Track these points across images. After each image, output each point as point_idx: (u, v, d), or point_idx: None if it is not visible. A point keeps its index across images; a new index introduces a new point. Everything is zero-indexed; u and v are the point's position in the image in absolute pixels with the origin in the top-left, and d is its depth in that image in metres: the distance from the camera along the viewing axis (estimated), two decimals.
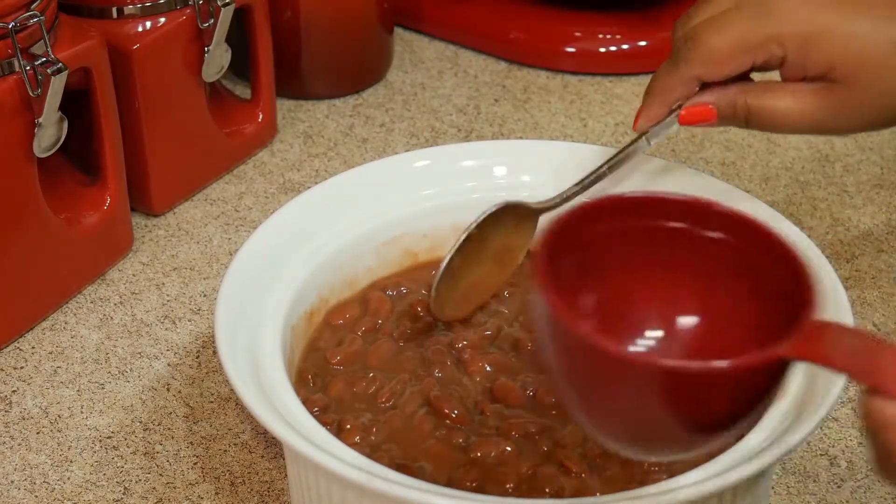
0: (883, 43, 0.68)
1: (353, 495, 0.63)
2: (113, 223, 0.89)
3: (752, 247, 0.57)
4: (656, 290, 0.60)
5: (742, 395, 0.51)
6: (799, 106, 0.70)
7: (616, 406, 0.54)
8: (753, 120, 0.71)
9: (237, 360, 0.67)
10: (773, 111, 0.71)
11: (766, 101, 0.71)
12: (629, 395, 0.52)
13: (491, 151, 0.82)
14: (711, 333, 0.59)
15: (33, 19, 0.78)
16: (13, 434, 0.78)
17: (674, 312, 0.60)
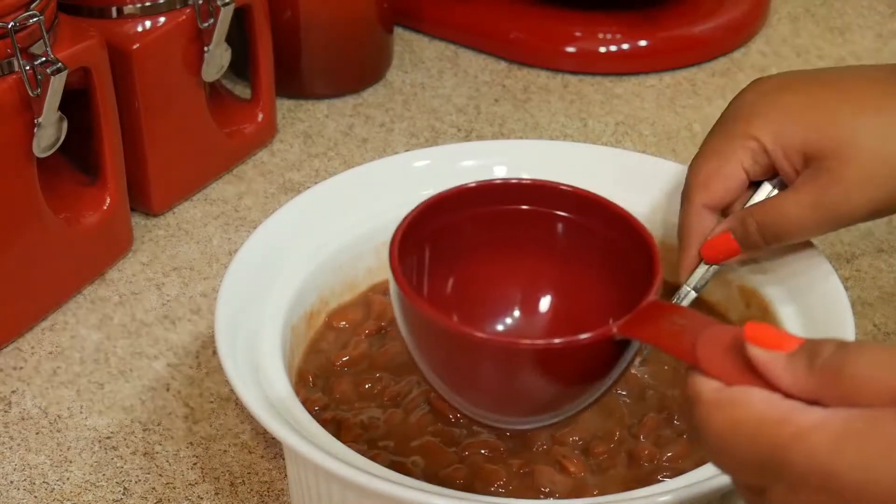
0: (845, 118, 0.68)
1: (353, 495, 0.63)
2: (112, 223, 0.89)
3: (606, 227, 0.61)
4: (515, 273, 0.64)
5: (581, 369, 0.56)
6: (797, 202, 0.68)
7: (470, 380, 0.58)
8: (769, 235, 0.70)
9: (237, 360, 0.67)
10: (780, 218, 0.69)
11: (770, 212, 0.69)
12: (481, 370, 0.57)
13: (491, 151, 0.82)
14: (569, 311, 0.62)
15: (33, 19, 0.78)
16: (12, 434, 0.78)
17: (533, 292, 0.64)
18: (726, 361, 0.49)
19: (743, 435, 0.48)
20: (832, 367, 0.47)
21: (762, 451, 0.47)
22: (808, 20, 1.16)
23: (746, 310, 0.75)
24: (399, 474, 0.62)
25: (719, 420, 0.48)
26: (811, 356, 0.48)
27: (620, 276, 0.61)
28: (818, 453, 0.46)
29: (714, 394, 0.49)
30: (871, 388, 0.46)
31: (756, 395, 0.48)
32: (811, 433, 0.46)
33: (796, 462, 0.46)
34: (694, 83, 1.08)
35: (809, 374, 0.48)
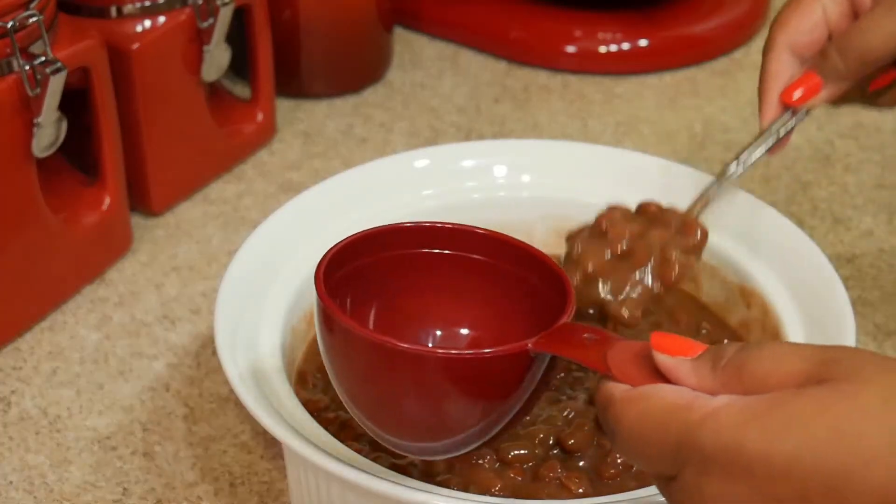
0: None
1: (353, 495, 0.63)
2: (112, 223, 0.89)
3: (522, 268, 0.64)
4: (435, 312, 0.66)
5: (498, 382, 0.57)
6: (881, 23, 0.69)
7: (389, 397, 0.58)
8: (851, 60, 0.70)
9: (237, 361, 0.67)
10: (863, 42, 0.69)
11: (852, 37, 0.69)
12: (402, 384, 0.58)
13: (491, 151, 0.82)
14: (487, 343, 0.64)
15: (32, 18, 0.78)
16: (12, 434, 0.78)
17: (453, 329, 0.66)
18: (635, 369, 0.52)
19: (653, 423, 0.50)
20: (735, 366, 0.50)
21: (671, 437, 0.49)
22: None
23: (747, 310, 0.75)
24: (399, 474, 0.62)
25: (631, 413, 0.51)
26: (715, 359, 0.50)
27: (538, 313, 0.62)
28: (724, 431, 0.48)
29: (626, 392, 0.51)
30: (773, 380, 0.49)
31: (664, 387, 0.51)
32: (717, 413, 0.48)
33: (704, 443, 0.48)
34: (694, 83, 1.08)
35: (713, 374, 0.50)
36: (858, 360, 0.48)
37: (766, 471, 0.47)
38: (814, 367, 0.48)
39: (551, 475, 0.66)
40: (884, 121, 1.03)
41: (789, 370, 0.49)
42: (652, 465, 0.51)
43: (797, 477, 0.47)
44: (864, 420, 0.46)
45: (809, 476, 0.46)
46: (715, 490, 0.48)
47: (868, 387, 0.47)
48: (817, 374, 0.48)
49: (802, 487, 0.47)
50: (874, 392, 0.47)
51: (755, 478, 0.47)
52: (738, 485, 0.48)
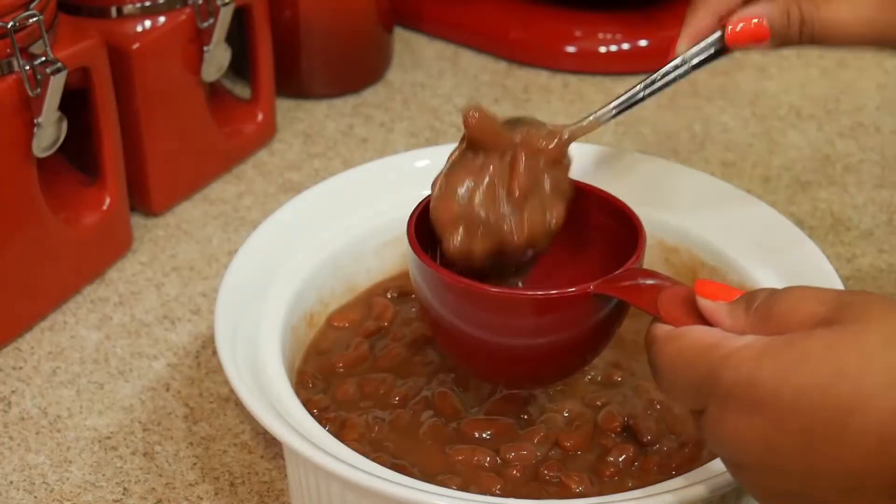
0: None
1: (353, 495, 0.63)
2: (112, 223, 0.89)
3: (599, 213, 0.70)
4: None
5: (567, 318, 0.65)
6: (855, 12, 0.66)
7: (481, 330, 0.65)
8: (807, 30, 0.67)
9: (237, 360, 0.67)
10: (830, 21, 0.66)
11: (821, 9, 0.66)
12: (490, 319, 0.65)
13: None
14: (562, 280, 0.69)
15: (32, 18, 0.78)
16: (12, 434, 0.78)
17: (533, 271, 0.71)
18: (681, 311, 0.58)
19: (684, 360, 0.55)
20: (764, 308, 0.54)
21: (699, 372, 0.54)
22: None
23: None
24: (399, 474, 0.62)
25: (668, 350, 0.56)
26: (748, 302, 0.55)
27: (611, 252, 0.68)
28: (743, 368, 0.52)
29: (666, 332, 0.57)
30: (795, 319, 0.53)
31: (697, 328, 0.56)
32: (738, 352, 0.53)
33: (725, 378, 0.52)
34: (694, 83, 1.08)
35: (746, 316, 0.55)
36: (868, 303, 0.52)
37: (777, 404, 0.51)
38: (829, 310, 0.52)
39: (551, 475, 0.66)
40: (884, 121, 1.03)
41: (809, 311, 0.53)
42: (683, 398, 0.56)
43: (804, 411, 0.50)
44: (864, 360, 0.50)
45: (814, 410, 0.50)
46: (733, 421, 0.52)
47: (871, 328, 0.50)
48: (831, 316, 0.52)
49: (808, 421, 0.50)
50: (876, 333, 0.50)
51: (767, 410, 0.51)
52: (752, 417, 0.51)
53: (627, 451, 0.67)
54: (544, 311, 0.64)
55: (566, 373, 0.70)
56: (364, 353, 0.74)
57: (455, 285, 0.65)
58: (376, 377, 0.72)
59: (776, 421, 0.51)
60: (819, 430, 0.50)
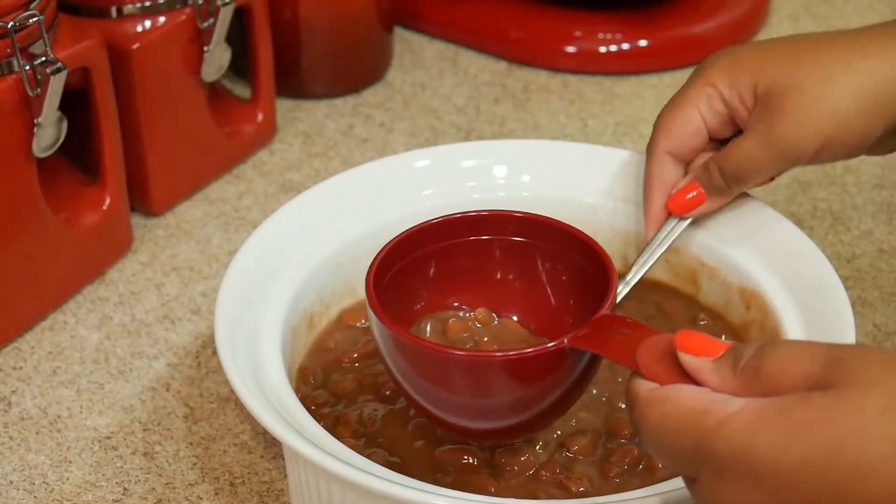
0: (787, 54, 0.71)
1: (353, 495, 0.63)
2: (112, 223, 0.89)
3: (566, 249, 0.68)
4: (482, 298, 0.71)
5: (541, 376, 0.62)
6: (751, 141, 0.71)
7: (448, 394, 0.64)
8: (730, 177, 0.72)
9: (237, 360, 0.67)
10: (737, 160, 0.72)
11: (728, 154, 0.72)
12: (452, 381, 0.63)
13: (491, 151, 0.82)
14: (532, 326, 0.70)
15: (32, 19, 0.78)
16: (12, 434, 0.78)
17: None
18: (662, 367, 0.55)
19: (673, 426, 0.52)
20: (752, 367, 0.52)
21: (689, 440, 0.51)
22: (808, 20, 1.16)
23: (747, 311, 0.75)
24: (399, 474, 0.62)
25: (653, 415, 0.53)
26: (735, 359, 0.53)
27: (581, 289, 0.67)
28: (737, 438, 0.50)
29: (649, 392, 0.54)
30: (787, 381, 0.51)
31: (684, 389, 0.53)
32: (731, 420, 0.50)
33: (718, 448, 0.50)
34: None
35: (733, 375, 0.52)
36: (864, 362, 0.50)
37: (775, 476, 0.49)
38: (822, 369, 0.50)
39: (550, 476, 0.66)
40: None
41: (801, 371, 0.51)
42: (674, 465, 0.54)
43: (805, 483, 0.49)
44: (864, 429, 0.48)
45: (816, 483, 0.48)
46: (729, 493, 0.50)
47: (870, 393, 0.49)
48: (825, 377, 0.50)
49: (810, 494, 0.49)
50: (875, 398, 0.48)
51: (765, 482, 0.49)
52: (750, 489, 0.50)
53: (632, 452, 0.67)
54: (518, 370, 0.62)
55: (541, 426, 0.67)
56: (371, 351, 0.74)
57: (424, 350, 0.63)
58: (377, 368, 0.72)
59: (776, 494, 0.49)
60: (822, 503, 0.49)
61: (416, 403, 0.66)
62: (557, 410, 0.66)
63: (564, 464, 0.67)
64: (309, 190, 0.79)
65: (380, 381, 0.72)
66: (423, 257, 0.69)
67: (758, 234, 0.76)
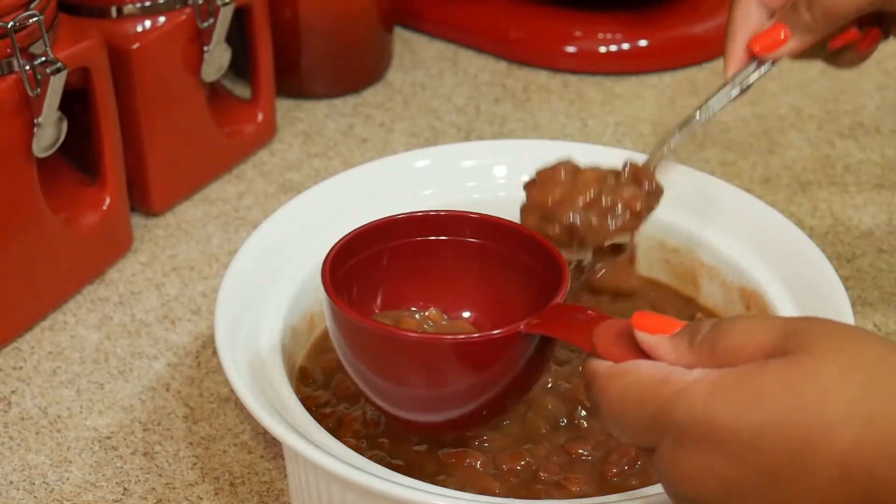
0: None
1: (353, 495, 0.63)
2: (112, 223, 0.89)
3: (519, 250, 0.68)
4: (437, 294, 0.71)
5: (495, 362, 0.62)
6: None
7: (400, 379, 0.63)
8: (818, 11, 0.70)
9: (237, 360, 0.67)
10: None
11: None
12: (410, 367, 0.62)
13: (491, 151, 0.82)
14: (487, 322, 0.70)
15: (32, 19, 0.78)
16: (12, 434, 0.78)
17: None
18: (619, 347, 0.55)
19: (632, 398, 0.53)
20: (708, 342, 0.52)
21: (649, 410, 0.52)
22: None
23: (747, 312, 0.75)
24: (399, 474, 0.62)
25: (612, 388, 0.54)
26: (691, 335, 0.53)
27: (535, 290, 0.66)
28: (696, 405, 0.50)
29: (608, 368, 0.54)
30: (745, 352, 0.51)
31: (643, 364, 0.54)
32: (690, 388, 0.51)
33: (678, 416, 0.51)
34: (694, 83, 1.08)
35: (690, 351, 0.53)
36: (818, 330, 0.51)
37: (736, 442, 0.50)
38: (778, 339, 0.51)
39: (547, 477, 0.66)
40: (884, 121, 1.03)
41: (757, 342, 0.51)
42: (634, 437, 0.54)
43: (765, 448, 0.49)
44: (822, 392, 0.49)
45: (776, 447, 0.49)
46: (689, 461, 0.51)
47: (826, 358, 0.50)
48: (782, 346, 0.51)
49: (771, 457, 0.49)
50: (832, 363, 0.49)
51: (725, 449, 0.50)
52: (710, 456, 0.50)
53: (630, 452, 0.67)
54: (474, 355, 0.62)
55: (495, 416, 0.67)
56: None
57: (375, 331, 0.62)
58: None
59: (736, 459, 0.50)
60: (782, 467, 0.49)
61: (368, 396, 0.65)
62: (510, 399, 0.65)
63: (564, 465, 0.67)
64: (309, 190, 0.79)
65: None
66: (378, 254, 0.69)
67: (758, 234, 0.76)
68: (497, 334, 0.61)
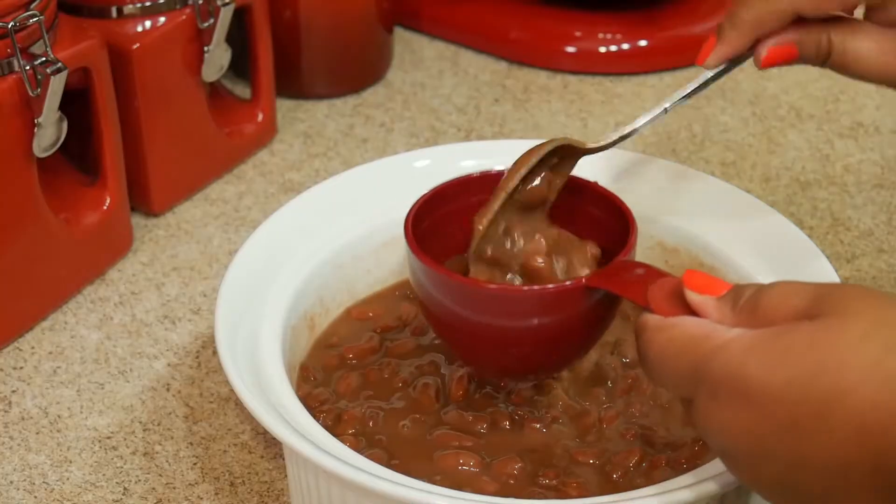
0: None
1: (353, 495, 0.63)
2: (112, 223, 0.89)
3: (591, 205, 0.72)
4: None
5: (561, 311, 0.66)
6: (880, 50, 0.68)
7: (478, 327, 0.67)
8: (834, 60, 0.69)
9: (237, 360, 0.67)
10: (855, 53, 0.69)
11: (848, 41, 0.69)
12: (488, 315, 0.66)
13: (491, 151, 0.82)
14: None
15: (33, 19, 0.78)
16: (12, 434, 0.78)
17: None
18: (670, 303, 0.59)
19: (675, 349, 0.56)
20: (751, 304, 0.56)
21: (689, 362, 0.55)
22: None
23: None
24: (399, 474, 0.62)
25: (658, 339, 0.57)
26: (736, 298, 0.57)
27: (604, 244, 0.70)
28: (731, 361, 0.54)
29: (657, 321, 0.58)
30: (780, 313, 0.55)
31: (688, 319, 0.57)
32: (728, 345, 0.54)
33: (715, 370, 0.54)
34: None
35: (733, 311, 0.57)
36: (847, 295, 0.54)
37: (763, 396, 0.53)
38: (811, 302, 0.54)
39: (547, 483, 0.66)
40: (884, 121, 1.03)
41: (791, 305, 0.55)
42: (674, 387, 0.57)
43: (789, 403, 0.52)
44: (844, 353, 0.52)
45: (799, 402, 0.52)
46: (722, 412, 0.54)
47: (851, 321, 0.52)
48: (813, 309, 0.54)
49: (793, 412, 0.52)
50: (855, 326, 0.52)
51: (754, 402, 0.53)
52: (741, 408, 0.53)
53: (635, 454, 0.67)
54: (540, 305, 0.66)
55: (562, 365, 0.71)
56: (375, 346, 0.74)
57: (452, 283, 0.66)
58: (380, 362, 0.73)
59: (763, 412, 0.53)
60: (803, 422, 0.52)
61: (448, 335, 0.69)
62: (574, 351, 0.69)
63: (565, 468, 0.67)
64: (309, 190, 0.79)
65: (383, 378, 0.72)
66: (457, 211, 0.72)
67: (757, 235, 0.76)
68: (561, 287, 0.65)
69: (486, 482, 0.66)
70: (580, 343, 0.69)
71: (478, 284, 0.67)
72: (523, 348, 0.68)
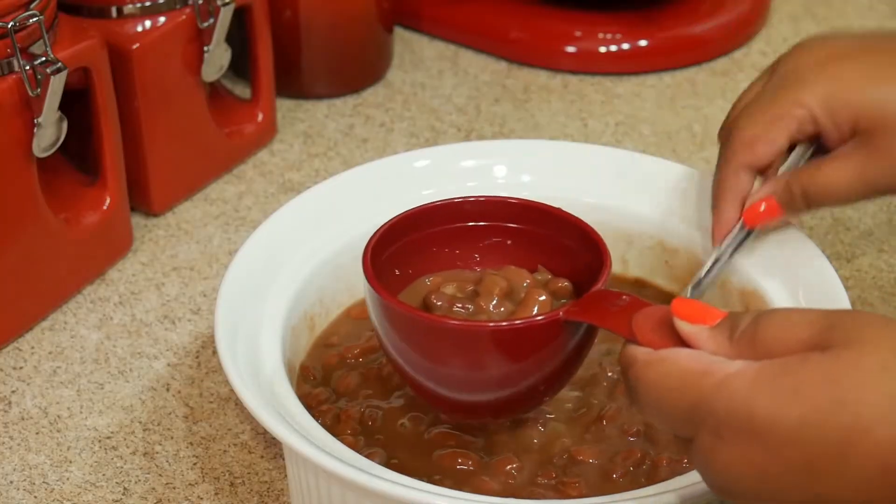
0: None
1: (353, 495, 0.63)
2: (112, 223, 0.89)
3: (561, 235, 0.68)
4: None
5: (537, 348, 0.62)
6: (843, 170, 0.69)
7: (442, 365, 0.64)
8: (813, 200, 0.71)
9: (237, 360, 0.67)
10: (825, 185, 0.70)
11: (816, 179, 0.70)
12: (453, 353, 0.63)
13: (491, 151, 0.82)
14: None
15: (33, 19, 0.78)
16: (12, 434, 0.78)
17: None
18: (657, 334, 0.55)
19: (670, 386, 0.53)
20: (749, 333, 0.53)
21: (688, 400, 0.52)
22: (809, 20, 1.16)
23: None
24: (399, 474, 0.62)
25: (651, 375, 0.54)
26: (732, 327, 0.53)
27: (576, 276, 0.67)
28: (736, 397, 0.50)
29: (647, 355, 0.54)
30: (784, 345, 0.51)
31: (682, 352, 0.54)
32: (731, 380, 0.51)
33: (718, 408, 0.51)
34: (694, 83, 1.08)
35: (730, 342, 0.53)
36: (860, 323, 0.51)
37: (774, 436, 0.50)
38: (819, 332, 0.51)
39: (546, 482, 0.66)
40: None
41: (797, 336, 0.51)
42: (670, 425, 0.54)
43: (803, 442, 0.49)
44: (863, 388, 0.49)
45: (814, 442, 0.49)
46: (728, 452, 0.51)
47: (867, 352, 0.49)
48: (823, 340, 0.51)
49: (809, 453, 0.49)
50: (873, 358, 0.49)
51: (764, 442, 0.50)
52: (748, 448, 0.50)
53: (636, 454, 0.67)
54: (513, 342, 0.62)
55: (536, 403, 0.67)
56: (374, 346, 0.74)
57: (417, 319, 0.63)
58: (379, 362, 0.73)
59: (774, 452, 0.50)
60: (820, 462, 0.49)
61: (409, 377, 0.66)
62: (550, 387, 0.66)
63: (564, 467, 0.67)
64: (309, 190, 0.79)
65: (383, 377, 0.72)
66: (418, 241, 0.69)
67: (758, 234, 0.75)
68: (537, 320, 0.62)
69: (485, 481, 0.66)
70: (556, 378, 0.65)
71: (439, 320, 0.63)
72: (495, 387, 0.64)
